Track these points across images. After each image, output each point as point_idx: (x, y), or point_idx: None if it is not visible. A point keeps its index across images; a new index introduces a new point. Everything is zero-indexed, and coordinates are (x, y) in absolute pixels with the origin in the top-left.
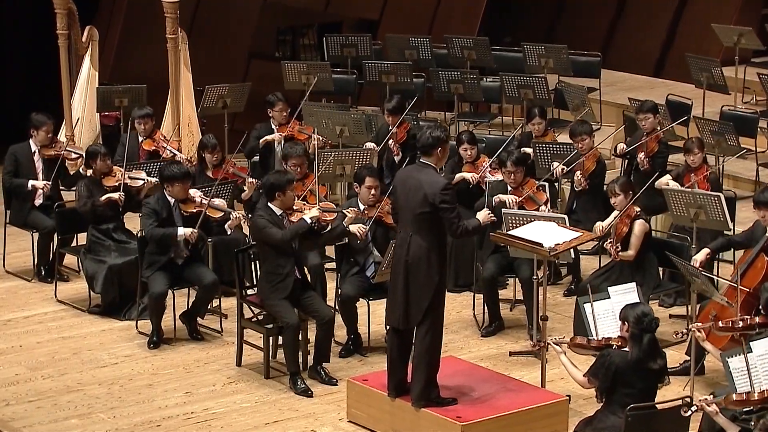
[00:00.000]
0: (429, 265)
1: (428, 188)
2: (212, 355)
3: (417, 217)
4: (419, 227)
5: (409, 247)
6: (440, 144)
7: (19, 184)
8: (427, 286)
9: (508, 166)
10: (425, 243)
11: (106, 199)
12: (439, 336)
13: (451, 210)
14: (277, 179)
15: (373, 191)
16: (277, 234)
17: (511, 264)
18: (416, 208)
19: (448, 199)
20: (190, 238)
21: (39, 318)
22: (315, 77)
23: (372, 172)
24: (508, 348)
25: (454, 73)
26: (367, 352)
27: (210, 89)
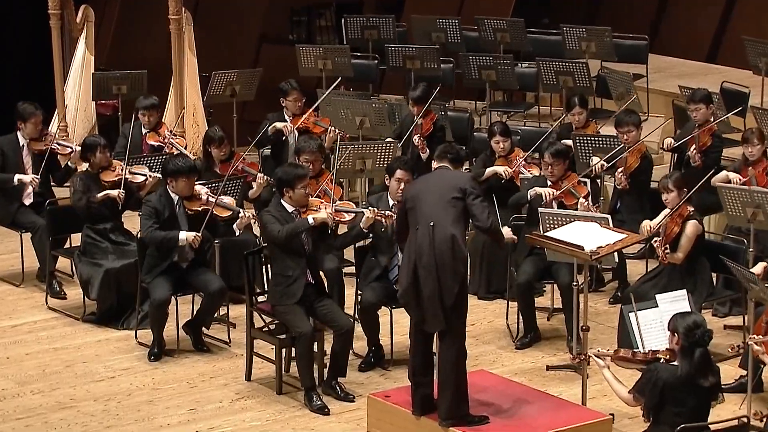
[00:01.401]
0: (454, 257)
1: (458, 178)
2: (219, 368)
3: (443, 206)
4: (444, 217)
5: (434, 236)
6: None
7: (4, 179)
8: (453, 281)
9: (545, 158)
10: (450, 233)
11: (103, 196)
12: (464, 346)
13: (481, 198)
14: (286, 173)
15: (402, 185)
16: (275, 230)
17: (548, 269)
18: (446, 194)
19: (477, 190)
20: (193, 243)
21: (28, 327)
22: (333, 63)
23: (405, 165)
24: (545, 361)
25: (486, 58)
26: (389, 366)
27: (217, 75)
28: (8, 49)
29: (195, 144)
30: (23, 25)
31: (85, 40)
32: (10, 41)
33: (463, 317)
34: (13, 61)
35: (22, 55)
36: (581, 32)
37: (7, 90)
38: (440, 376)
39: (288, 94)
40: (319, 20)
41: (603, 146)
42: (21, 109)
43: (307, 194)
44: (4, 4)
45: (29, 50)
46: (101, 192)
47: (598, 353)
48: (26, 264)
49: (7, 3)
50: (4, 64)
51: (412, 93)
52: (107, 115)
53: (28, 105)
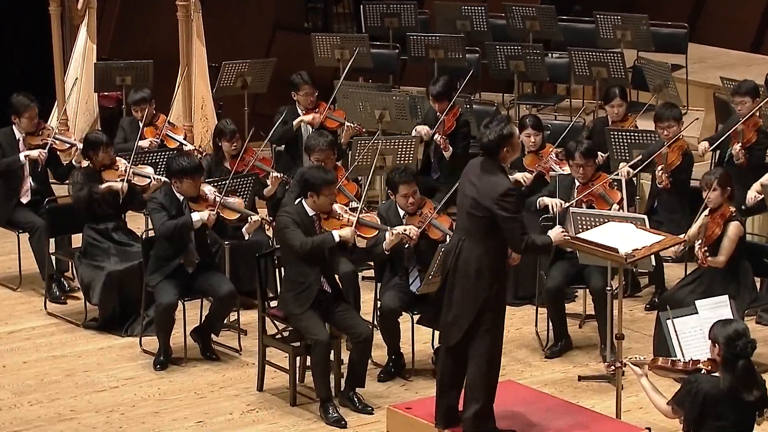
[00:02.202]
0: (478, 277)
1: (485, 190)
2: (229, 377)
3: (471, 220)
4: (471, 231)
5: (459, 254)
6: (504, 143)
7: (10, 162)
8: (472, 303)
9: (576, 158)
10: (477, 250)
11: (107, 188)
12: (497, 357)
13: (511, 219)
14: (313, 177)
15: (410, 199)
16: (296, 240)
17: (580, 273)
18: (471, 209)
19: (509, 206)
20: (209, 222)
21: (26, 333)
22: (351, 52)
23: (406, 177)
24: (576, 372)
25: (514, 47)
26: (410, 376)
27: (227, 66)
28: (5, 37)
29: (203, 139)
30: (21, 13)
31: (86, 28)
32: (7, 29)
33: (497, 333)
34: (10, 51)
35: (20, 44)
36: (616, 20)
37: (3, 81)
38: (466, 388)
39: (299, 89)
40: (336, 7)
41: (641, 142)
42: (15, 102)
43: (331, 201)
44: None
45: (27, 39)
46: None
47: (634, 361)
48: (24, 266)
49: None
50: (1, 53)
51: (432, 88)
52: (110, 108)
53: (22, 97)
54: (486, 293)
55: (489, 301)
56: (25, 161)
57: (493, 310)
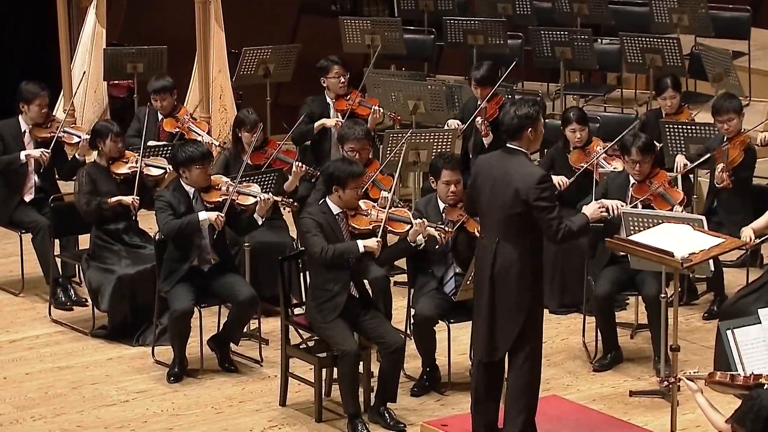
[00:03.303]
0: (520, 280)
1: (520, 182)
2: (249, 391)
3: (506, 218)
4: (508, 231)
5: (496, 257)
6: (529, 123)
7: (9, 160)
8: (517, 308)
9: (632, 154)
10: (516, 252)
11: (116, 202)
12: (539, 369)
13: (549, 209)
14: (338, 170)
15: (453, 187)
16: (318, 246)
17: (632, 278)
18: (505, 207)
19: (546, 195)
20: (216, 223)
21: (29, 342)
22: (382, 38)
23: (451, 163)
24: (627, 386)
25: (561, 33)
26: (446, 390)
27: (248, 52)
28: (7, 21)
29: (222, 131)
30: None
31: (95, 11)
32: (9, 12)
33: (537, 342)
34: (13, 36)
35: (23, 29)
36: (672, 3)
37: (5, 69)
38: (507, 403)
39: (328, 72)
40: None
41: (698, 136)
42: (24, 90)
43: (358, 196)
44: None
45: (31, 22)
46: (112, 187)
47: (690, 376)
48: (26, 269)
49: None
50: (2, 38)
51: (474, 73)
52: (121, 97)
53: (32, 85)
54: (530, 296)
55: (532, 305)
56: (25, 161)
57: (537, 314)
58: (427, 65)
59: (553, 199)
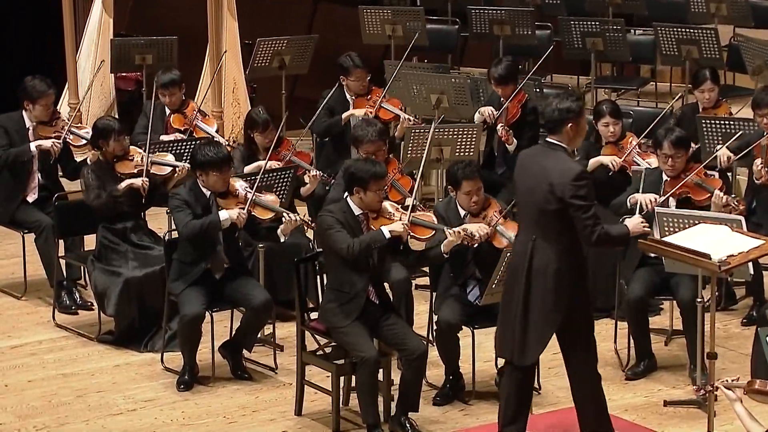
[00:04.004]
0: (557, 279)
1: (556, 177)
2: (263, 400)
3: (542, 215)
4: (544, 229)
5: (532, 255)
6: (571, 118)
7: (19, 152)
8: (554, 308)
9: (665, 148)
10: (553, 250)
11: (126, 186)
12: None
13: (584, 208)
14: (360, 171)
15: (474, 197)
16: (344, 242)
17: (666, 282)
18: (540, 203)
19: (583, 193)
20: (239, 221)
21: (31, 348)
22: (404, 28)
23: (471, 173)
24: (662, 395)
25: (592, 23)
26: (470, 399)
27: (262, 43)
28: (9, 9)
29: (235, 127)
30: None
31: (101, 0)
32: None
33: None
34: (15, 25)
35: (26, 18)
36: None
37: (6, 60)
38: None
39: (350, 73)
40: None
41: (736, 131)
42: (29, 87)
43: (381, 199)
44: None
45: (34, 12)
46: (119, 184)
47: (728, 384)
48: (29, 271)
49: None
50: (3, 28)
51: (493, 71)
52: (129, 90)
53: (38, 81)
54: (568, 296)
55: (573, 305)
56: (35, 152)
57: (586, 315)
58: (450, 57)
59: (589, 198)
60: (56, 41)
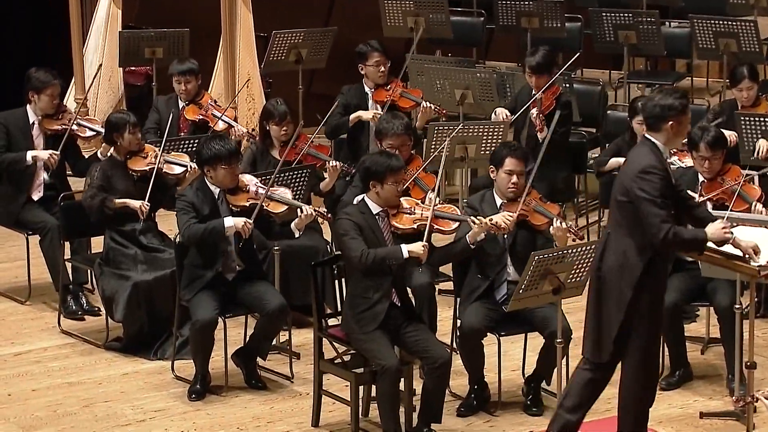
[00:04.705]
0: (622, 277)
1: (628, 168)
2: (279, 410)
3: (616, 208)
4: (618, 223)
5: (605, 250)
6: (673, 116)
7: (14, 159)
8: (616, 307)
9: (701, 149)
10: (622, 245)
11: (121, 205)
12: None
13: (649, 202)
14: (375, 164)
15: (515, 178)
16: (356, 249)
17: (703, 287)
18: (616, 194)
19: (647, 187)
20: (243, 231)
21: (36, 355)
22: (427, 20)
23: (516, 153)
24: (698, 406)
25: (624, 15)
26: (496, 410)
27: (278, 36)
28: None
29: (249, 123)
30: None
31: None
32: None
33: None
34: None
35: (26, 18)
36: None
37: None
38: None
39: (367, 58)
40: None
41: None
42: (34, 77)
43: (399, 193)
44: None
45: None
46: (128, 184)
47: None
48: (33, 275)
49: None
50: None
51: (529, 59)
52: (138, 85)
53: (42, 72)
54: (632, 294)
55: (637, 305)
56: (30, 162)
57: (645, 317)
58: (476, 51)
59: (655, 193)
60: (56, 41)
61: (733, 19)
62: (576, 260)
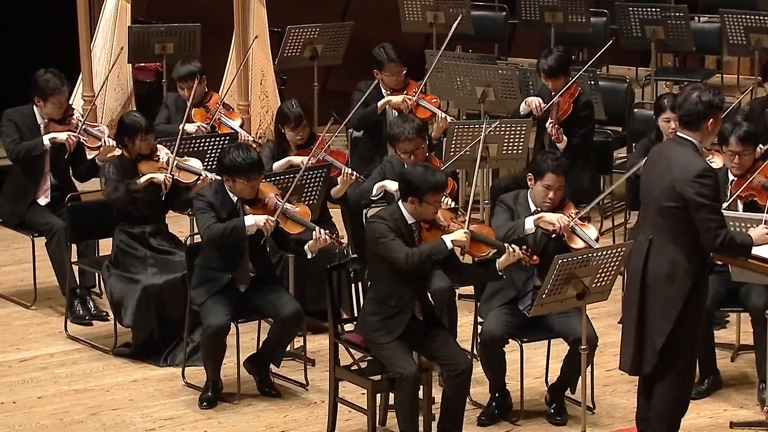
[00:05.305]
0: (670, 286)
1: (678, 173)
2: (293, 419)
3: (660, 213)
4: (663, 229)
5: (648, 257)
6: (713, 113)
7: (32, 146)
8: (664, 317)
9: (731, 144)
10: (670, 253)
11: (147, 181)
12: (689, 389)
13: (708, 208)
14: (418, 179)
15: (551, 194)
16: (401, 251)
17: (734, 292)
18: (660, 200)
19: (706, 191)
20: (265, 228)
21: (42, 361)
22: (447, 15)
23: (560, 168)
24: (728, 416)
25: (652, 9)
26: (518, 419)
27: (293, 31)
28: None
29: (263, 122)
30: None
31: None
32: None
33: (688, 357)
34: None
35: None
36: None
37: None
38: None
39: (383, 68)
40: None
41: None
42: (41, 82)
43: (437, 210)
44: None
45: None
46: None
47: None
48: (39, 278)
49: None
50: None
51: (542, 63)
52: (147, 82)
53: (51, 76)
54: (682, 303)
55: (684, 315)
56: (48, 146)
57: (690, 325)
58: (497, 46)
59: (714, 198)
60: (57, 41)
61: (765, 13)
62: (601, 264)
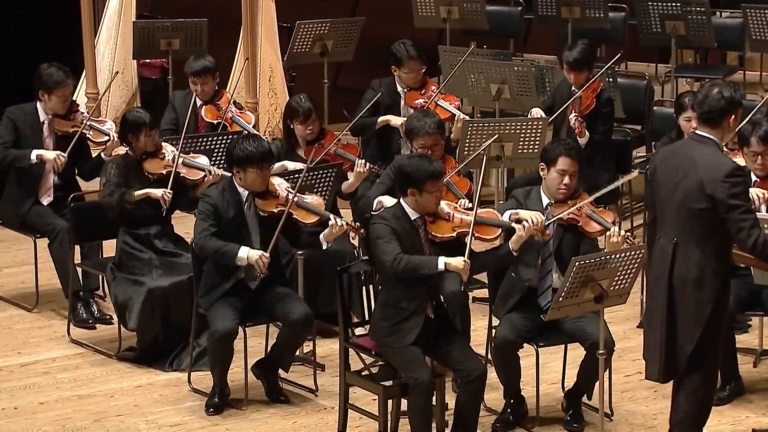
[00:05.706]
0: (699, 289)
1: (706, 173)
2: (302, 425)
3: (686, 215)
4: (688, 231)
5: (674, 261)
6: (734, 110)
7: (18, 156)
8: (694, 322)
9: (752, 145)
10: (697, 255)
11: (143, 195)
12: (713, 394)
13: (741, 209)
14: (415, 169)
15: (566, 179)
16: (390, 253)
17: (756, 295)
18: (686, 201)
19: (737, 191)
20: (258, 264)
21: (43, 366)
22: (461, 10)
23: (571, 152)
24: (750, 423)
25: (672, 4)
26: (533, 425)
27: (302, 27)
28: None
29: (272, 119)
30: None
31: None
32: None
33: (713, 362)
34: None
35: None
36: None
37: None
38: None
39: (403, 65)
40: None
41: None
42: (45, 75)
43: (438, 199)
44: None
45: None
46: (144, 185)
47: None
48: (42, 281)
49: None
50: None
51: (567, 54)
52: (153, 78)
53: (55, 70)
54: (711, 307)
55: (713, 320)
56: (34, 161)
57: (715, 331)
58: (513, 42)
59: (745, 197)
60: (57, 40)
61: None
62: (620, 267)
